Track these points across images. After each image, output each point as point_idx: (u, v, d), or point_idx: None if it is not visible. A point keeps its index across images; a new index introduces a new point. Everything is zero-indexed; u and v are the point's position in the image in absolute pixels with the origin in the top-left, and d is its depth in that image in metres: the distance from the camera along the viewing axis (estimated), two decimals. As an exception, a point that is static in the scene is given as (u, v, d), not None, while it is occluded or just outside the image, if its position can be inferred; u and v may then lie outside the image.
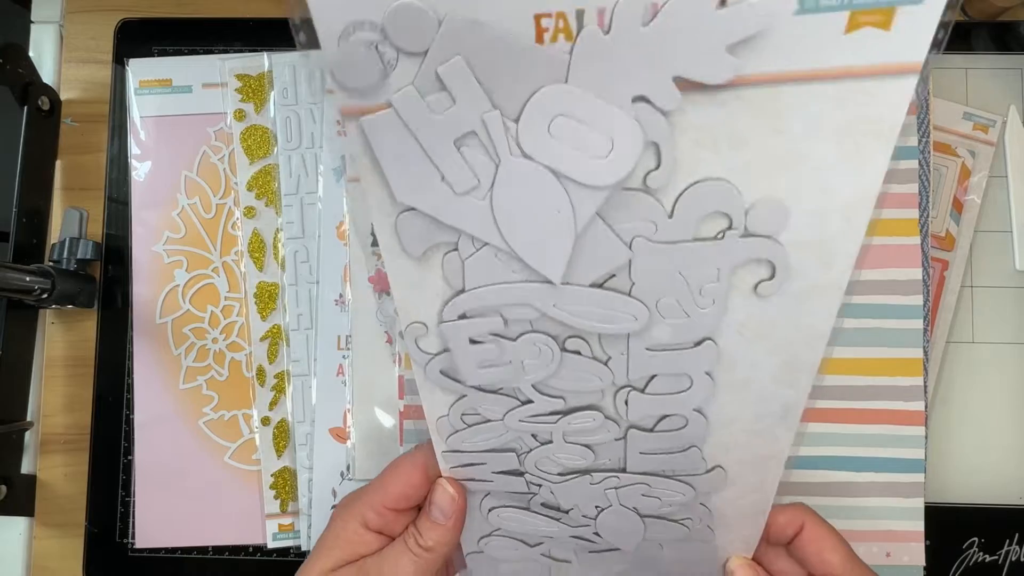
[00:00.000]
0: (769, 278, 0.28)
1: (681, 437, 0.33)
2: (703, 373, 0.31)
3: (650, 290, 0.28)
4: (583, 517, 0.37)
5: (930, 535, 0.44)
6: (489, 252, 0.28)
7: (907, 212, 0.46)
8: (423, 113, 0.24)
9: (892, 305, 0.45)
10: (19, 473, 0.49)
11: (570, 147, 0.25)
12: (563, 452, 0.34)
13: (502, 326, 0.29)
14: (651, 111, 0.24)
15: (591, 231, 0.27)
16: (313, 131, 0.48)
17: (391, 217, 0.27)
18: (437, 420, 0.34)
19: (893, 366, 0.45)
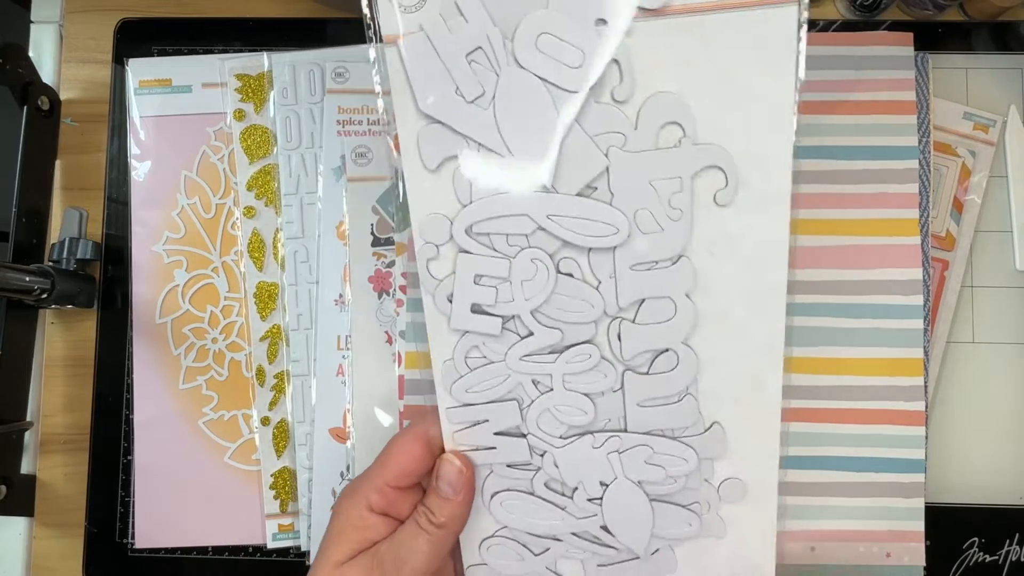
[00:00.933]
0: (724, 186, 0.34)
1: (675, 380, 0.35)
2: (684, 295, 0.34)
3: (627, 201, 0.33)
4: (588, 503, 0.37)
5: (930, 535, 0.44)
6: (492, 161, 0.33)
7: (907, 212, 0.46)
8: (444, 33, 0.32)
9: (892, 305, 0.45)
10: (19, 473, 0.49)
11: (552, 59, 0.32)
12: (564, 403, 0.35)
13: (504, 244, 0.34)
14: (611, 31, 0.32)
15: (573, 138, 0.33)
16: (313, 131, 0.48)
17: (415, 131, 0.33)
18: (443, 364, 0.36)
19: (893, 366, 0.45)
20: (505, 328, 0.35)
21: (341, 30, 0.50)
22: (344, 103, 0.48)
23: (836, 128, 0.46)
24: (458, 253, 0.35)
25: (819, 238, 0.46)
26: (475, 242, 0.34)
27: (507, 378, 0.36)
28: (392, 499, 0.36)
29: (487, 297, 0.35)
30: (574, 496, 0.37)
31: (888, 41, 0.47)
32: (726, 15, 0.32)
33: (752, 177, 0.33)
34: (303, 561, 0.46)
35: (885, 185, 0.46)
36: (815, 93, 0.47)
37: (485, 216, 0.34)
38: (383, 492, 0.36)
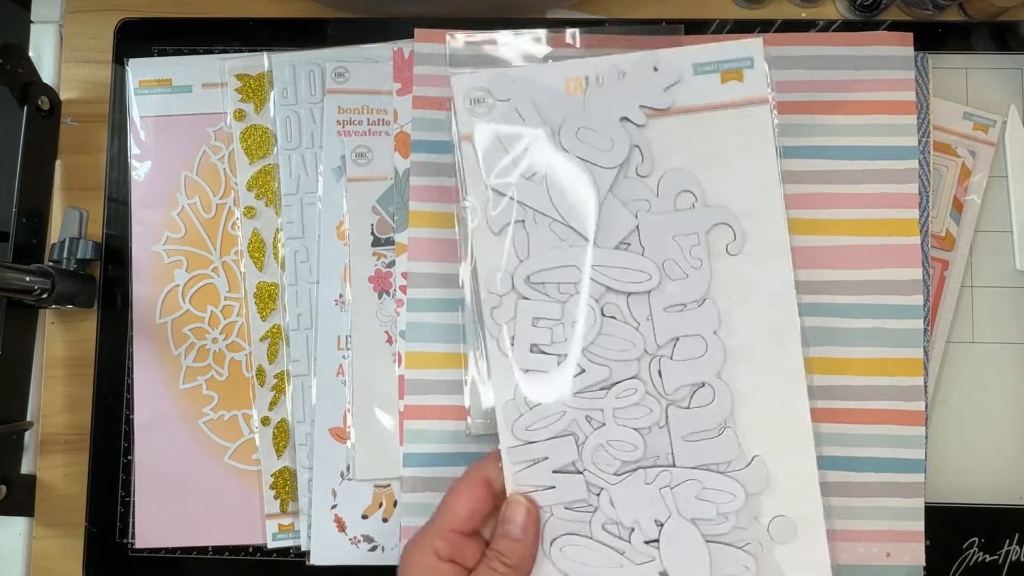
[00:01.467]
0: (733, 239, 0.42)
1: (714, 412, 0.40)
2: (712, 333, 0.41)
3: (656, 253, 0.41)
4: (646, 546, 0.39)
5: (930, 535, 0.44)
6: (544, 224, 0.42)
7: (907, 212, 0.46)
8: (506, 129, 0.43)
9: (892, 305, 0.45)
10: (19, 473, 0.49)
11: (589, 146, 0.42)
12: (616, 437, 0.40)
13: (556, 291, 0.41)
14: (632, 126, 0.43)
15: (609, 204, 0.42)
16: (313, 131, 0.48)
17: (484, 201, 0.42)
18: (505, 404, 0.40)
19: (893, 366, 0.45)
20: (560, 366, 0.41)
21: (341, 30, 0.50)
22: (344, 103, 0.48)
23: (836, 128, 0.46)
24: (519, 300, 0.41)
25: (819, 238, 0.46)
26: (533, 290, 0.41)
27: (563, 415, 0.40)
28: (458, 545, 0.37)
29: (543, 337, 0.41)
30: (631, 539, 0.39)
31: (888, 41, 0.47)
32: (715, 113, 0.43)
33: (754, 231, 0.42)
34: (303, 561, 0.46)
35: (885, 185, 0.46)
36: (815, 93, 0.47)
37: (541, 267, 0.41)
38: (449, 539, 0.36)
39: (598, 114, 0.42)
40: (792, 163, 0.46)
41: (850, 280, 0.45)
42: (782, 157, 0.46)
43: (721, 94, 0.43)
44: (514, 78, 0.42)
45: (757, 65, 0.43)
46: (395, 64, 0.48)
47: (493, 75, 0.43)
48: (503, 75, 0.43)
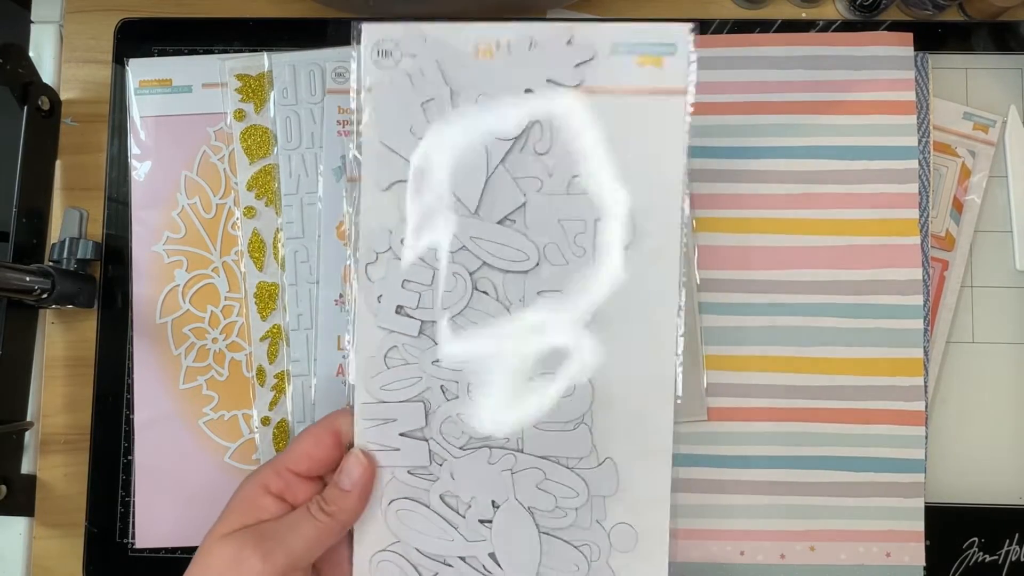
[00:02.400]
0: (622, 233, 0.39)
1: (571, 406, 0.39)
2: (582, 326, 0.39)
3: (539, 234, 0.39)
4: (480, 524, 0.39)
5: (930, 535, 0.44)
6: (430, 187, 0.40)
7: (907, 212, 0.46)
8: (407, 87, 0.40)
9: (892, 305, 0.45)
10: (19, 473, 0.49)
11: (487, 113, 0.40)
12: (467, 411, 0.39)
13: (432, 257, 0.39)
14: (535, 99, 0.39)
15: (498, 177, 0.39)
16: (313, 131, 0.48)
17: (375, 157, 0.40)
18: (366, 360, 0.39)
19: (893, 366, 0.45)
20: (423, 333, 0.39)
21: (341, 30, 0.50)
22: (344, 103, 0.48)
23: (836, 128, 0.46)
24: (391, 259, 0.39)
25: (820, 238, 0.46)
26: (408, 251, 0.40)
27: (419, 380, 0.39)
28: (290, 482, 0.37)
29: (410, 300, 0.39)
30: (467, 515, 0.39)
31: (888, 41, 0.47)
32: (626, 98, 0.39)
33: (647, 230, 0.39)
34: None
35: (885, 185, 0.46)
36: (815, 93, 0.47)
37: (418, 230, 0.39)
38: (281, 474, 0.37)
39: (502, 83, 0.40)
40: (792, 163, 0.46)
41: (850, 280, 0.45)
42: (780, 158, 0.46)
43: (635, 78, 0.39)
44: (426, 36, 0.40)
45: (680, 52, 0.39)
46: (395, 64, 0.48)
47: (405, 29, 0.40)
48: (415, 30, 0.40)
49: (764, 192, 0.46)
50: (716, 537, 0.45)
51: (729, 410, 0.46)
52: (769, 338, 0.46)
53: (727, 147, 0.47)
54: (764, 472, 0.45)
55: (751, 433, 0.45)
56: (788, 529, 0.45)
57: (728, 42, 0.48)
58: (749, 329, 0.46)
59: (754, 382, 0.45)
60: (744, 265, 0.46)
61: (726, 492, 0.45)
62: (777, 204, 0.46)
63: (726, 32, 0.49)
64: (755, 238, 0.46)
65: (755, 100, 0.47)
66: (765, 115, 0.47)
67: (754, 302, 0.46)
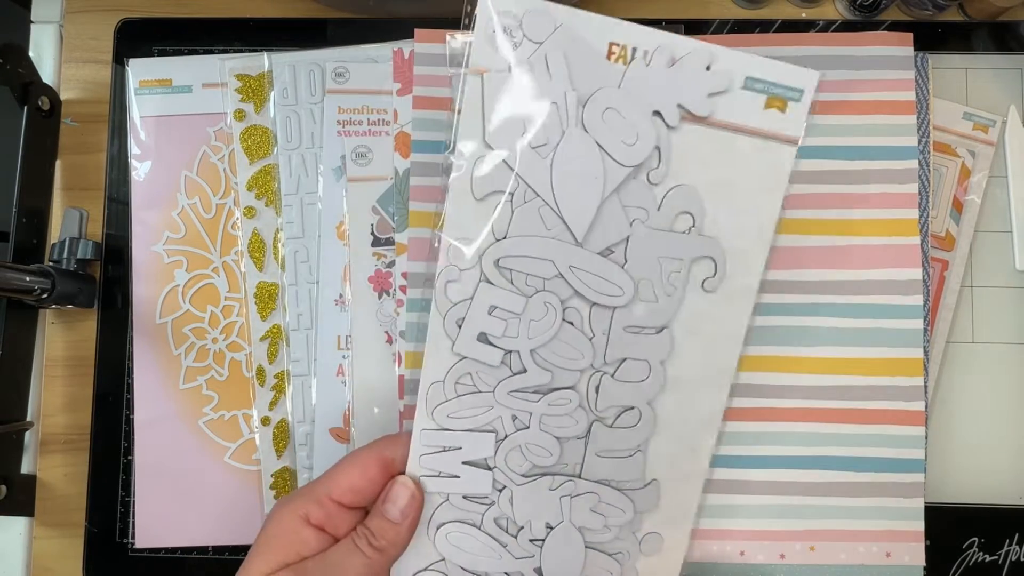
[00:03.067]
0: (712, 275, 0.39)
1: (633, 436, 0.39)
2: (659, 362, 0.39)
3: (636, 268, 0.38)
4: (530, 543, 0.38)
5: (930, 535, 0.44)
6: (534, 206, 0.37)
7: (907, 212, 0.46)
8: (528, 80, 0.36)
9: (892, 305, 0.45)
10: (19, 473, 0.49)
11: (613, 131, 0.37)
12: (535, 442, 0.38)
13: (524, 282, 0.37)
14: (661, 124, 0.37)
15: (608, 205, 0.37)
16: (313, 131, 0.48)
17: (473, 156, 0.36)
18: (431, 387, 0.38)
19: (893, 366, 0.45)
20: (503, 362, 0.38)
21: (341, 30, 0.50)
22: (344, 103, 0.48)
23: (836, 128, 0.46)
24: (480, 282, 0.37)
25: (820, 238, 0.46)
26: (500, 275, 0.37)
27: (490, 409, 0.38)
28: (332, 514, 0.34)
29: (496, 328, 0.37)
30: (518, 536, 0.39)
31: (888, 41, 0.47)
32: (747, 139, 0.38)
33: (734, 272, 0.39)
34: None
35: (885, 185, 0.46)
36: (815, 93, 0.47)
37: (516, 253, 0.37)
38: (324, 505, 0.34)
39: (633, 98, 0.36)
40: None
41: (850, 280, 0.45)
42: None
43: (759, 119, 0.38)
44: (556, 19, 0.35)
45: (804, 100, 0.38)
46: (395, 64, 0.48)
47: (532, 5, 0.35)
48: (544, 10, 0.35)
49: (764, 192, 0.46)
50: (716, 537, 0.45)
51: (729, 410, 0.45)
52: (769, 338, 0.46)
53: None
54: (764, 472, 0.45)
55: (751, 433, 0.45)
56: (788, 529, 0.45)
57: (728, 42, 0.48)
58: (749, 329, 0.46)
59: (754, 382, 0.45)
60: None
61: (726, 492, 0.45)
62: (777, 204, 0.46)
63: (726, 32, 0.49)
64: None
65: (755, 100, 0.47)
66: (765, 115, 0.47)
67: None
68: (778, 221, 0.39)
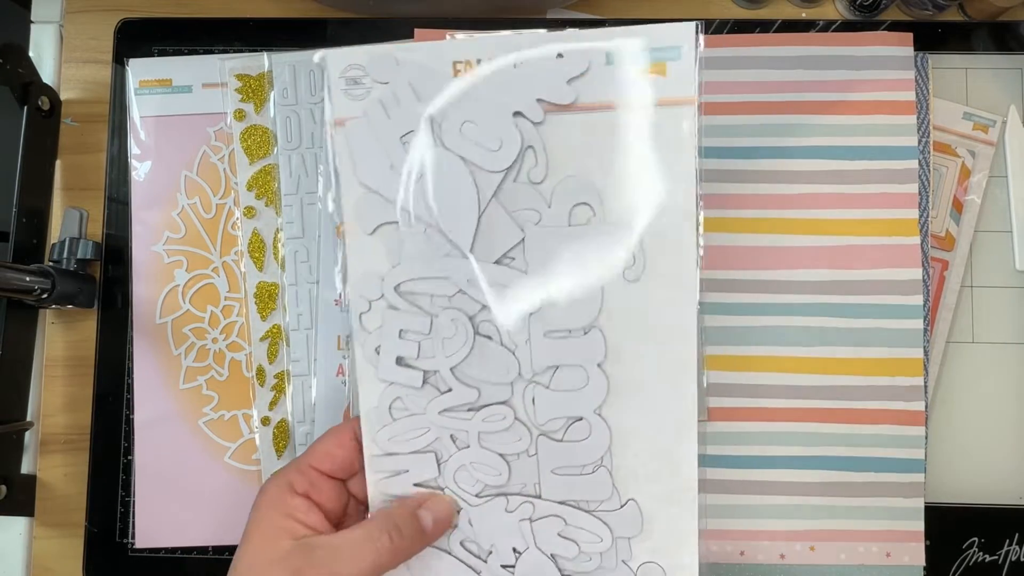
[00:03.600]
0: (632, 264, 0.36)
1: (587, 449, 0.37)
2: (595, 365, 0.37)
3: (541, 271, 0.36)
4: (502, 569, 0.37)
5: (930, 535, 0.44)
6: (419, 229, 0.37)
7: (907, 212, 0.46)
8: (382, 118, 0.36)
9: (892, 305, 0.45)
10: (19, 473, 0.49)
11: (473, 143, 0.36)
12: (480, 460, 0.37)
13: (428, 303, 0.37)
14: (526, 122, 0.36)
15: (491, 212, 0.36)
16: (313, 131, 0.48)
17: (354, 199, 0.37)
18: (369, 412, 0.38)
19: (893, 366, 0.45)
20: (427, 383, 0.37)
21: (341, 30, 0.50)
22: (344, 103, 0.48)
23: (836, 128, 0.46)
24: (386, 309, 0.37)
25: (820, 238, 0.46)
26: (402, 300, 0.37)
27: (427, 431, 0.37)
28: (314, 481, 0.36)
29: (410, 351, 0.37)
30: (488, 560, 0.38)
31: (888, 41, 0.47)
32: (627, 113, 0.35)
33: (659, 257, 0.36)
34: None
35: (885, 185, 0.46)
36: (815, 93, 0.47)
37: (411, 276, 0.37)
38: (305, 472, 0.36)
39: (487, 106, 0.36)
40: (792, 163, 0.46)
41: (850, 280, 0.45)
42: (780, 158, 0.46)
43: (636, 90, 0.35)
44: (398, 58, 0.36)
45: (685, 57, 0.35)
46: (395, 64, 0.48)
47: (373, 52, 0.36)
48: (384, 53, 0.36)
49: (764, 192, 0.46)
50: (716, 537, 0.45)
51: (730, 410, 0.45)
52: (769, 338, 0.46)
53: (727, 147, 0.47)
54: (764, 472, 0.45)
55: (751, 433, 0.45)
56: (788, 529, 0.45)
57: (728, 42, 0.48)
58: (749, 329, 0.46)
59: (754, 382, 0.45)
60: (744, 265, 0.46)
61: (726, 492, 0.45)
62: (777, 204, 0.46)
63: (726, 32, 0.49)
64: (755, 238, 0.46)
65: (755, 100, 0.47)
66: (765, 115, 0.47)
67: (754, 302, 0.46)
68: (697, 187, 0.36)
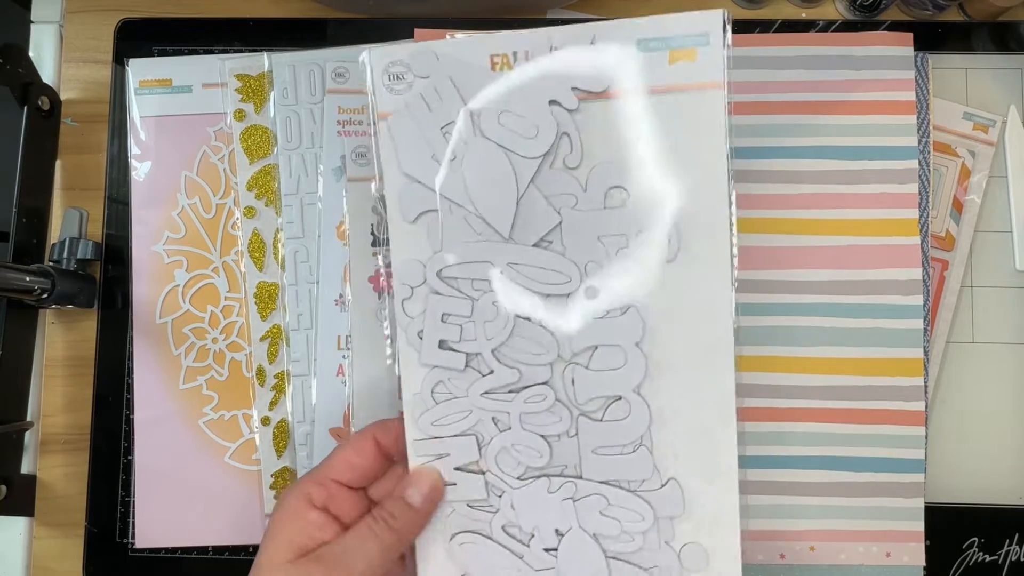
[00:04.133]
0: (667, 244, 0.37)
1: (627, 428, 0.37)
2: (633, 345, 0.37)
3: (578, 253, 0.37)
4: (545, 553, 0.38)
5: (930, 535, 0.44)
6: (460, 215, 0.38)
7: (907, 212, 0.46)
8: (424, 111, 0.38)
9: (892, 305, 0.45)
10: (19, 473, 0.49)
11: (511, 132, 0.37)
12: (521, 442, 0.38)
13: (469, 287, 0.38)
14: (561, 110, 0.37)
15: (529, 197, 0.38)
16: (313, 131, 0.48)
17: (397, 188, 0.38)
18: (412, 397, 0.38)
19: (893, 366, 0.45)
20: (469, 365, 0.38)
21: (341, 30, 0.50)
22: (344, 103, 0.48)
23: (836, 128, 0.46)
24: (429, 294, 0.38)
25: (819, 238, 0.46)
26: (444, 284, 0.38)
27: (469, 414, 0.38)
28: (333, 493, 0.36)
29: (453, 334, 0.38)
30: (531, 544, 0.38)
31: (888, 41, 0.47)
32: (659, 97, 0.36)
33: (692, 237, 0.37)
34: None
35: (885, 185, 0.46)
36: (815, 93, 0.47)
37: (453, 262, 0.38)
38: (325, 485, 0.36)
39: (524, 96, 0.37)
40: (792, 163, 0.46)
41: (850, 280, 0.45)
42: (780, 158, 0.46)
43: (668, 76, 0.36)
44: (438, 53, 0.38)
45: (713, 43, 0.36)
46: (395, 64, 0.48)
47: (414, 49, 0.38)
48: (425, 49, 0.38)
49: (764, 192, 0.46)
50: (716, 537, 0.45)
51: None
52: (769, 338, 0.46)
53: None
54: (764, 472, 0.45)
55: (751, 433, 0.45)
56: (788, 529, 0.45)
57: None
58: (749, 329, 0.46)
59: (755, 382, 0.45)
60: (743, 265, 0.46)
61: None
62: (776, 204, 0.46)
63: (726, 32, 0.49)
64: (755, 238, 0.46)
65: (755, 100, 0.47)
66: (765, 115, 0.47)
67: (754, 302, 0.46)
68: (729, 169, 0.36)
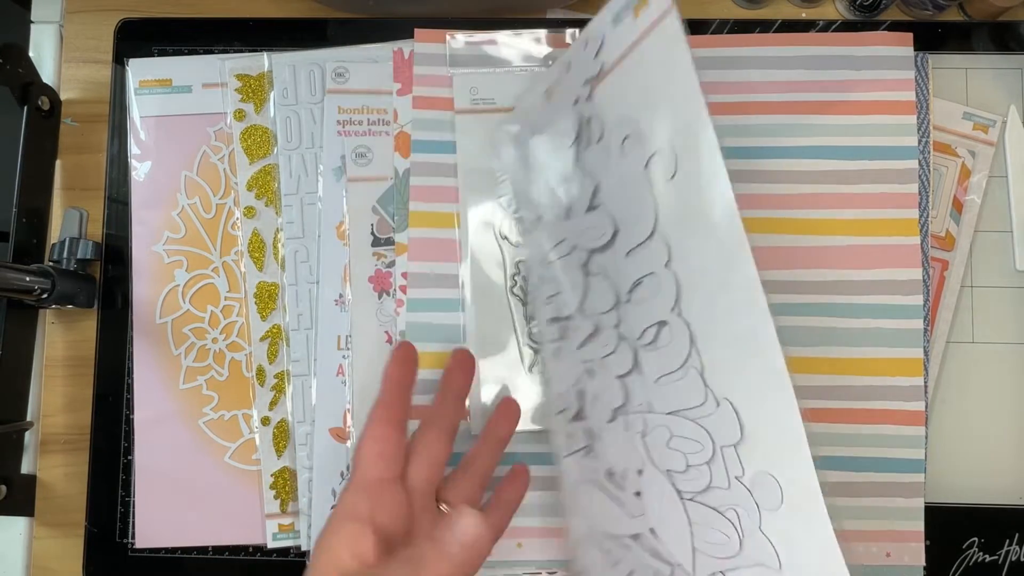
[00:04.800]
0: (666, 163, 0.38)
1: (676, 351, 0.37)
2: (663, 267, 0.38)
3: (615, 204, 0.41)
4: (636, 498, 0.39)
5: (930, 535, 0.44)
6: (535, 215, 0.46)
7: (907, 212, 0.46)
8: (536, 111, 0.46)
9: (892, 305, 0.45)
10: (19, 473, 0.49)
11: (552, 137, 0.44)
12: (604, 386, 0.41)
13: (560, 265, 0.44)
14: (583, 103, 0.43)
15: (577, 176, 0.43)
16: (313, 131, 0.48)
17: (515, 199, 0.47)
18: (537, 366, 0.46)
19: (893, 366, 0.45)
20: (568, 329, 0.43)
21: (341, 30, 0.50)
22: (344, 103, 0.48)
23: (836, 128, 0.46)
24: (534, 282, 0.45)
25: (819, 238, 0.46)
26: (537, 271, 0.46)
27: (571, 370, 0.43)
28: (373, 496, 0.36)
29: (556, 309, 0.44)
30: (625, 487, 0.39)
31: (888, 41, 0.47)
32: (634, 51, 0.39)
33: (686, 152, 0.37)
34: (303, 561, 0.46)
35: (885, 185, 0.46)
36: (815, 93, 0.47)
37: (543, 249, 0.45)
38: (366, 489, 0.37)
39: (560, 108, 0.44)
40: (792, 163, 0.46)
41: (850, 280, 0.45)
42: (780, 158, 0.46)
43: (635, 29, 0.39)
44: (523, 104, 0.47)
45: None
46: (395, 64, 0.48)
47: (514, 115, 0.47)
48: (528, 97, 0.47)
49: (764, 192, 0.46)
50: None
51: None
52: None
53: (726, 147, 0.47)
54: (764, 472, 0.45)
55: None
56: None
57: (728, 42, 0.48)
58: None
59: (754, 382, 0.45)
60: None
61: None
62: (777, 204, 0.46)
63: (726, 32, 0.49)
64: (754, 238, 0.45)
65: (755, 100, 0.47)
66: (765, 115, 0.47)
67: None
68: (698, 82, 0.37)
